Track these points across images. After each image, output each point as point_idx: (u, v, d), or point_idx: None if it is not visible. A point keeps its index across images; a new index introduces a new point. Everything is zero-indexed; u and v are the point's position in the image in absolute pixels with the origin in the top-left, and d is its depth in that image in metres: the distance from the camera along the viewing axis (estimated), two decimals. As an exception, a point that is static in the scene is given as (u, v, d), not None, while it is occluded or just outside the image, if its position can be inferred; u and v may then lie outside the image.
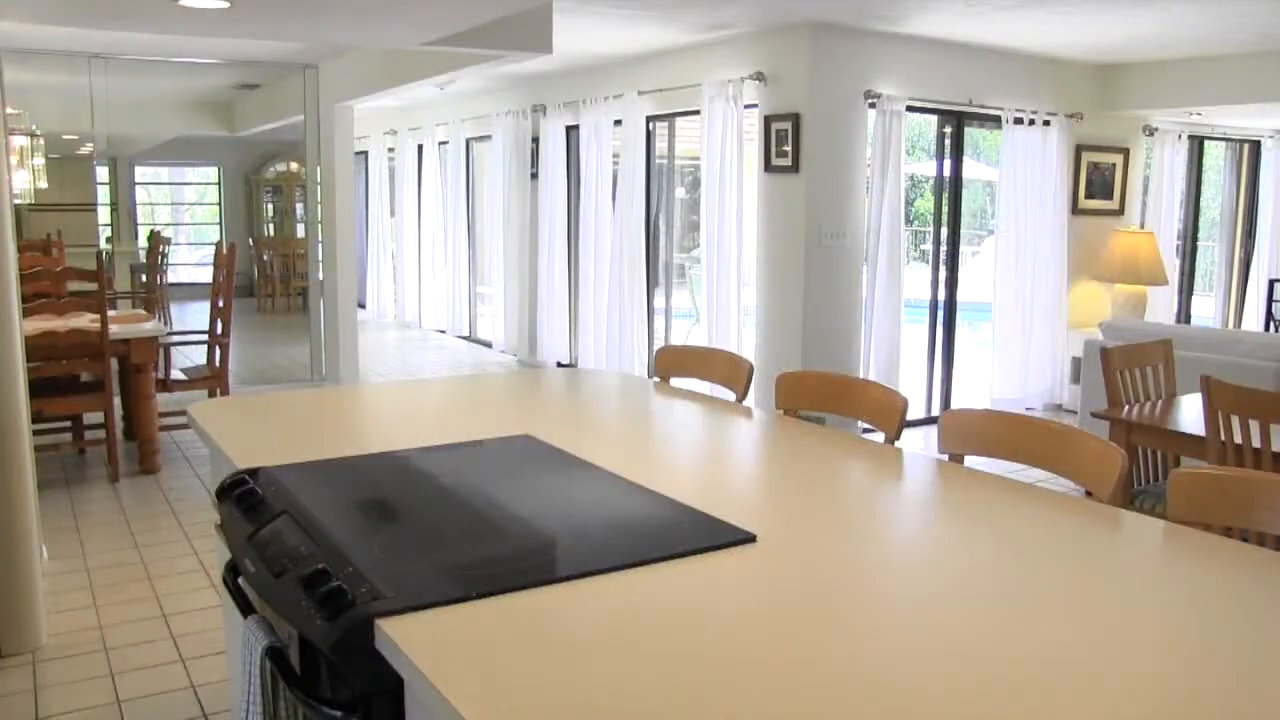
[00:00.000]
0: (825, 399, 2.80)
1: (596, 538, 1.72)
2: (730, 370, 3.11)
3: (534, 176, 9.53)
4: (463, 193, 11.24)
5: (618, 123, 8.20)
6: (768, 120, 6.63)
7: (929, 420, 7.51)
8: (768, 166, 6.69)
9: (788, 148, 6.49)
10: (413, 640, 1.32)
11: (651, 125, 8.11)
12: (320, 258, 8.72)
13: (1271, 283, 9.42)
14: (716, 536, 1.72)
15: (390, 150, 12.88)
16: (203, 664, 3.54)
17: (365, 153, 13.30)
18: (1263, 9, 5.68)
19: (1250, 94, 7.30)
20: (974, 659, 1.30)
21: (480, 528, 1.76)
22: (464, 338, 11.48)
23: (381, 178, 13.23)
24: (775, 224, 6.72)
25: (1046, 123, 7.62)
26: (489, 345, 10.80)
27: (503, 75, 9.01)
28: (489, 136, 10.32)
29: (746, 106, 6.86)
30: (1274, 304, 9.45)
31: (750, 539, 1.71)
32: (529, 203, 9.65)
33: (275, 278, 13.02)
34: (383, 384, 5.77)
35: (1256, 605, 1.48)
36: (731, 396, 3.00)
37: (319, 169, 8.61)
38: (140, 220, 11.79)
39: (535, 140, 9.42)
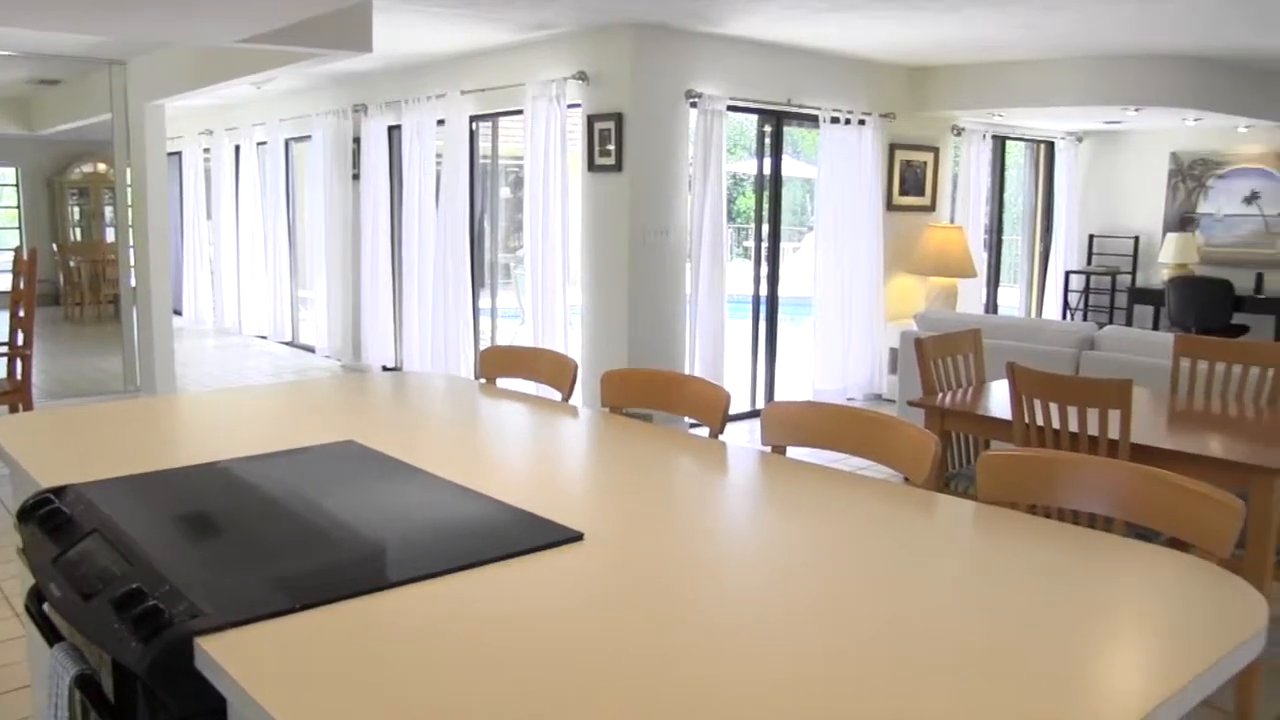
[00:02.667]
0: (650, 396, 2.84)
1: (423, 542, 1.71)
2: (555, 370, 3.12)
3: (355, 177, 9.33)
4: (282, 194, 10.92)
5: (440, 122, 8.10)
6: (590, 120, 6.67)
7: (754, 414, 7.68)
8: (591, 165, 6.73)
9: (611, 147, 6.54)
10: (235, 657, 1.29)
11: (475, 125, 8.04)
12: (132, 263, 8.34)
13: (1068, 274, 10.02)
14: (544, 536, 1.73)
15: (206, 151, 12.41)
16: (6, 700, 3.34)
17: (179, 153, 12.77)
18: (1054, 20, 6.02)
19: (1043, 98, 7.74)
20: (799, 645, 1.34)
21: (305, 537, 1.73)
22: (286, 343, 11.16)
23: (197, 179, 12.73)
24: (599, 222, 6.76)
25: (862, 122, 7.89)
26: (312, 350, 10.52)
27: (322, 74, 8.80)
28: (309, 137, 10.05)
29: (570, 106, 6.88)
30: (1070, 294, 10.05)
31: (577, 537, 1.73)
32: (351, 204, 9.45)
33: (84, 285, 12.38)
34: (201, 393, 5.56)
35: (1060, 574, 1.58)
36: (558, 396, 3.01)
37: (129, 170, 8.24)
38: (-72, 225, 11.02)
39: (356, 140, 9.23)
